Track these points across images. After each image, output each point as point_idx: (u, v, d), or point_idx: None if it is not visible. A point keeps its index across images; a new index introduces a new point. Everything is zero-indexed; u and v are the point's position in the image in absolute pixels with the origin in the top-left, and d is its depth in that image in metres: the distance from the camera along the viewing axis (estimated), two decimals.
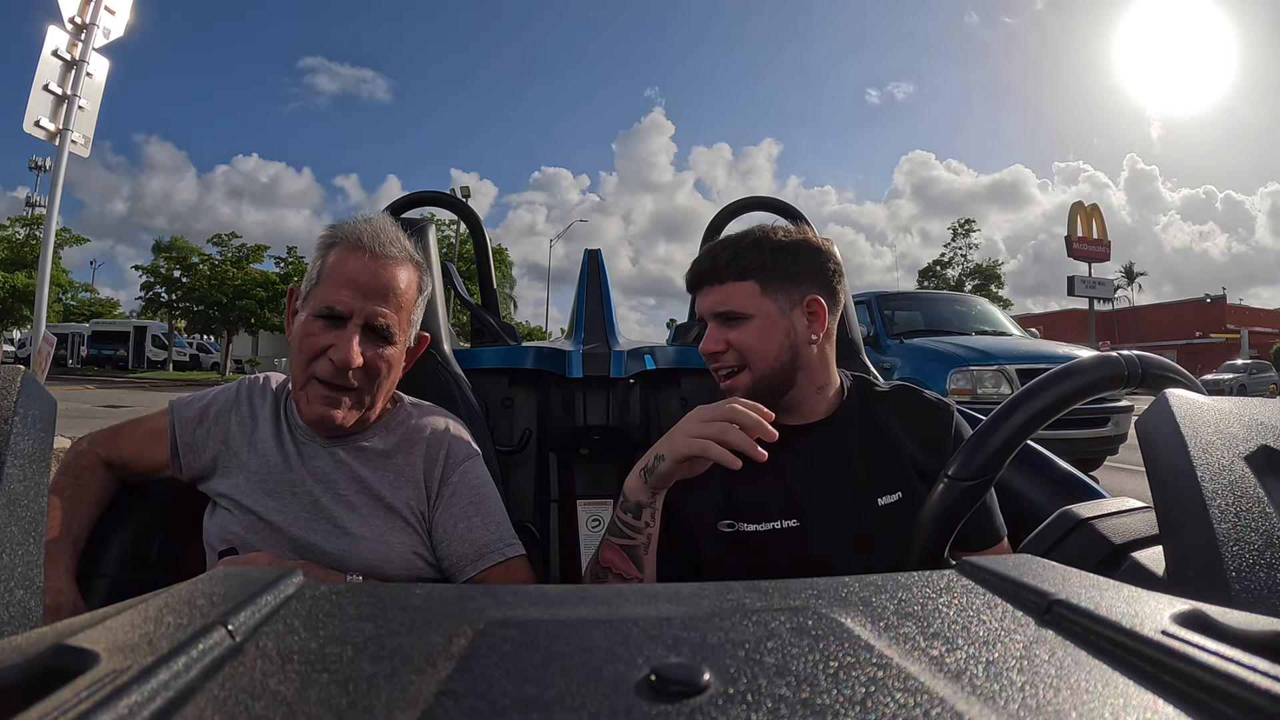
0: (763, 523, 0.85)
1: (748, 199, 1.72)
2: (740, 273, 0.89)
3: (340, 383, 0.84)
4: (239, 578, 0.31)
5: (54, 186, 4.36)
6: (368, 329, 0.84)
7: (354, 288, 0.84)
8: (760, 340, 0.88)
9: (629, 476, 0.80)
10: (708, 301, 0.91)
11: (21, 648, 0.23)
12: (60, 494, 0.86)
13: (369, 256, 0.85)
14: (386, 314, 0.85)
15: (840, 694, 0.21)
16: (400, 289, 0.87)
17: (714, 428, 0.73)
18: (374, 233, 0.87)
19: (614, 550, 0.80)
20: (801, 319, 0.89)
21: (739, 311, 0.89)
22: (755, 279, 0.89)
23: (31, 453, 0.40)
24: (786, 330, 0.89)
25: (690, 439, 0.74)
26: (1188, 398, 0.46)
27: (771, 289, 0.89)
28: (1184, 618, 0.25)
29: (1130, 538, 0.52)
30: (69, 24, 4.22)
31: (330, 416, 0.85)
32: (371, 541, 0.85)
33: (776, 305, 0.89)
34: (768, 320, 0.88)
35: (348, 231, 0.87)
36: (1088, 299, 31.15)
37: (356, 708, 0.20)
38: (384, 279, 0.86)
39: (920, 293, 9.46)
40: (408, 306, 0.89)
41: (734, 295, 0.89)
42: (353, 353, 0.82)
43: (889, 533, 0.83)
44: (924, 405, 0.94)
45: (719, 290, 0.90)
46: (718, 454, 0.72)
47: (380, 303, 0.85)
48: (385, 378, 0.87)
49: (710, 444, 0.72)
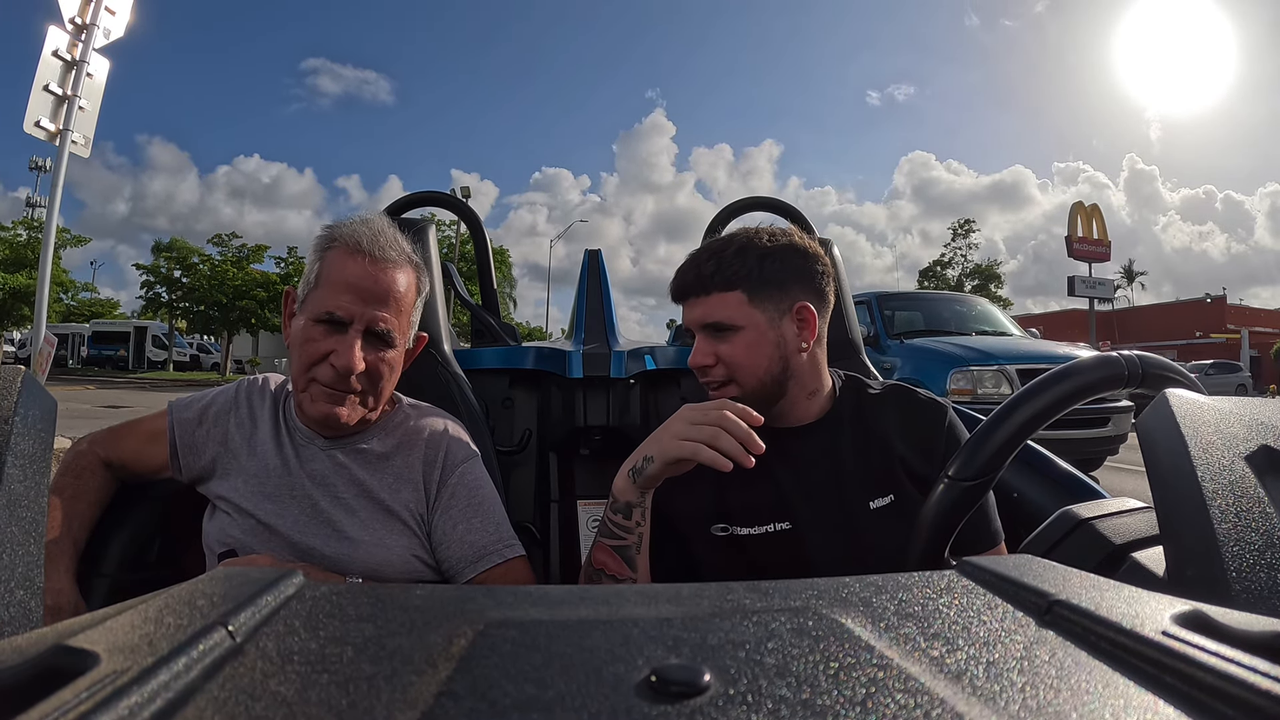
0: (755, 526, 0.85)
1: (747, 199, 1.72)
2: (726, 282, 0.86)
3: (342, 387, 0.84)
4: (239, 578, 0.31)
5: (54, 187, 4.36)
6: (369, 334, 0.84)
7: (354, 293, 0.83)
8: (750, 353, 0.86)
9: (617, 477, 0.79)
10: (694, 313, 0.88)
11: (21, 648, 0.23)
12: (60, 494, 0.86)
13: (368, 261, 0.84)
14: (387, 318, 0.84)
15: (841, 695, 0.21)
16: (400, 292, 0.86)
17: (704, 432, 0.73)
18: (373, 235, 0.86)
19: (606, 552, 0.80)
20: (791, 327, 0.87)
21: (727, 323, 0.86)
22: (742, 288, 0.86)
23: (31, 453, 0.40)
24: (776, 341, 0.86)
25: (679, 441, 0.74)
26: (1188, 398, 0.45)
27: (759, 298, 0.86)
28: (1184, 618, 0.25)
29: (1130, 538, 0.52)
30: (69, 24, 4.22)
31: (335, 414, 0.84)
32: (370, 545, 0.85)
33: (765, 315, 0.86)
34: (757, 331, 0.86)
35: (346, 234, 0.85)
36: (1088, 299, 31.14)
37: (356, 708, 0.20)
38: (384, 283, 0.85)
39: (920, 293, 9.46)
40: (407, 309, 0.88)
41: (721, 306, 0.86)
42: (355, 359, 0.82)
43: (881, 536, 0.83)
44: (917, 406, 0.92)
45: (705, 302, 0.87)
46: (708, 457, 0.72)
47: (381, 307, 0.84)
48: (386, 380, 0.87)
49: (700, 447, 0.72)
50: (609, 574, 0.80)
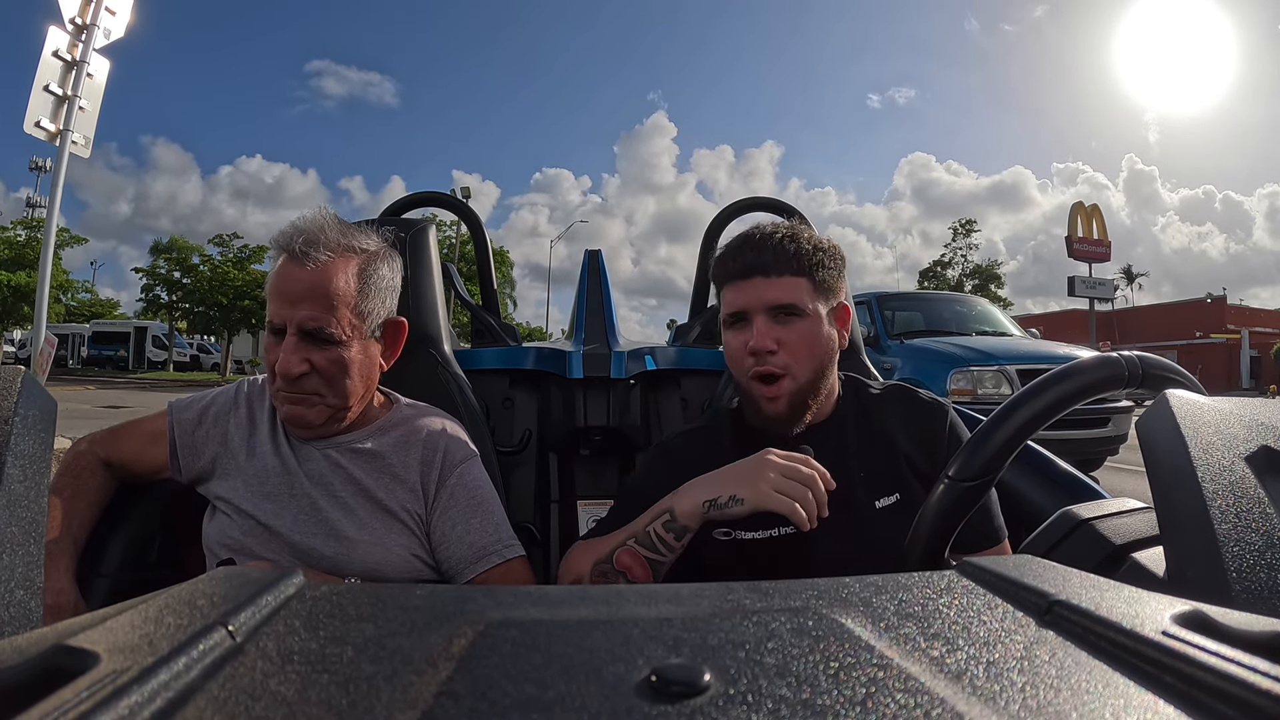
0: (759, 530, 0.85)
1: (748, 199, 1.72)
2: (800, 268, 0.84)
3: (296, 391, 0.84)
4: (239, 578, 0.31)
5: (54, 187, 4.37)
6: (305, 335, 0.83)
7: (282, 298, 0.83)
8: (809, 344, 0.84)
9: (683, 499, 0.78)
10: (763, 293, 0.84)
11: (21, 648, 0.23)
12: (60, 494, 0.86)
13: (293, 262, 0.83)
14: (316, 316, 0.82)
15: (841, 695, 0.21)
16: (334, 288, 0.83)
17: (798, 490, 0.73)
18: (299, 235, 0.84)
19: (636, 559, 0.79)
20: (834, 326, 0.87)
21: (799, 307, 0.84)
22: (809, 277, 0.85)
23: (31, 453, 0.40)
24: (827, 337, 0.86)
25: (777, 495, 0.73)
26: (1188, 398, 0.45)
27: (820, 290, 0.86)
28: (1184, 618, 0.25)
29: (1131, 538, 0.52)
30: (69, 24, 4.23)
31: (300, 416, 0.86)
32: (370, 545, 0.85)
33: (823, 308, 0.86)
34: (817, 322, 0.85)
35: (281, 240, 0.85)
36: (1088, 299, 31.13)
37: (356, 708, 0.20)
38: (310, 282, 0.83)
39: (920, 293, 9.45)
40: (348, 302, 0.84)
41: (793, 289, 0.84)
42: (289, 363, 0.82)
43: (889, 535, 0.83)
44: (918, 405, 0.92)
45: (778, 283, 0.84)
46: (801, 519, 0.72)
47: (309, 306, 0.82)
48: (347, 376, 0.86)
49: (798, 506, 0.72)
50: (630, 579, 0.80)
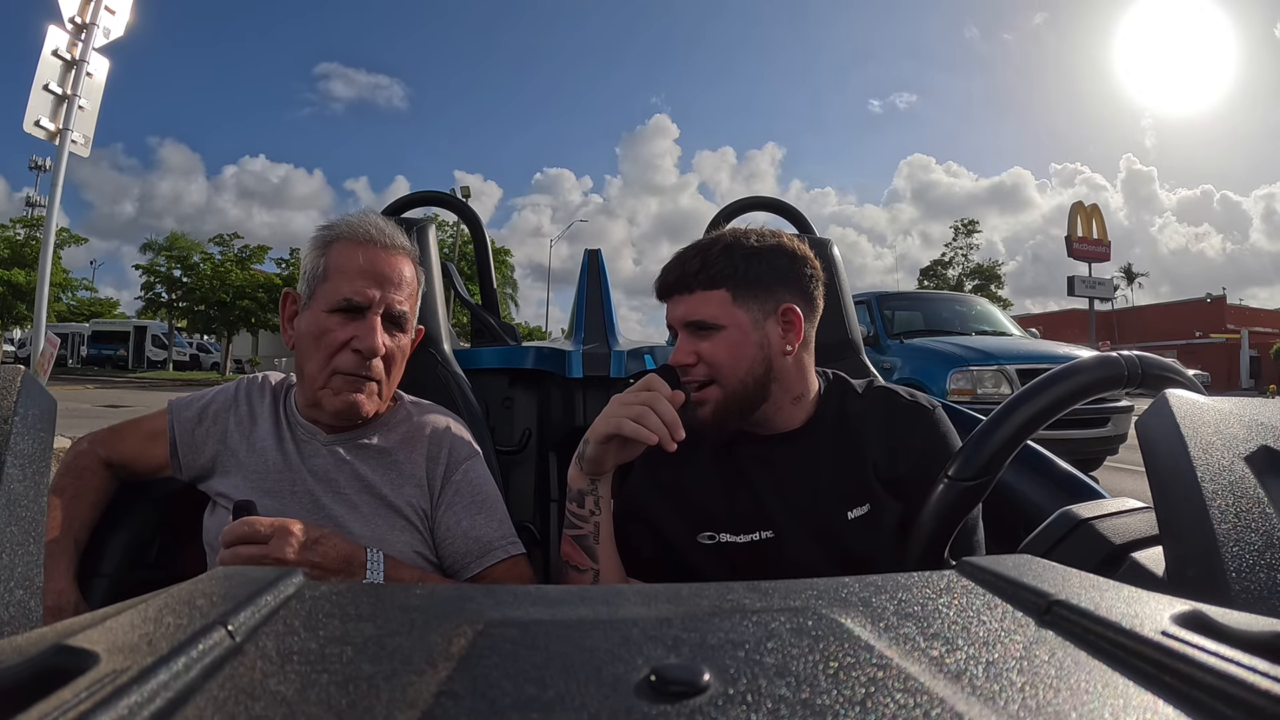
0: (741, 534, 0.85)
1: (748, 199, 1.72)
2: (710, 281, 0.85)
3: (364, 373, 0.86)
4: (239, 578, 0.31)
5: (54, 186, 4.36)
6: (386, 317, 0.87)
7: (369, 278, 0.86)
8: (731, 353, 0.84)
9: (570, 467, 0.82)
10: (677, 311, 0.87)
11: (21, 648, 0.23)
12: (60, 494, 0.86)
13: (379, 248, 0.88)
14: (403, 300, 0.88)
15: (840, 694, 0.21)
16: (408, 279, 0.90)
17: (632, 409, 0.76)
18: (379, 226, 0.90)
19: (569, 543, 0.81)
20: (776, 329, 0.86)
21: (709, 321, 0.85)
22: (726, 287, 0.85)
23: (31, 453, 0.40)
24: (759, 342, 0.85)
25: (606, 418, 0.77)
26: (1188, 398, 0.45)
27: (744, 298, 0.85)
28: (1184, 618, 0.25)
29: (1130, 538, 0.52)
30: (69, 24, 4.23)
31: (357, 403, 0.86)
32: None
33: (749, 315, 0.85)
34: (740, 331, 0.84)
35: (351, 226, 0.89)
36: (1087, 299, 31.13)
37: (356, 708, 0.20)
38: (397, 268, 0.89)
39: (920, 293, 9.46)
40: (414, 297, 0.92)
41: (704, 305, 0.85)
42: (379, 340, 0.85)
43: (860, 546, 0.82)
44: (897, 409, 0.89)
45: (688, 300, 0.86)
46: (632, 430, 0.75)
47: (395, 290, 0.88)
48: (397, 368, 0.91)
49: (625, 421, 0.75)
50: (572, 565, 0.81)
